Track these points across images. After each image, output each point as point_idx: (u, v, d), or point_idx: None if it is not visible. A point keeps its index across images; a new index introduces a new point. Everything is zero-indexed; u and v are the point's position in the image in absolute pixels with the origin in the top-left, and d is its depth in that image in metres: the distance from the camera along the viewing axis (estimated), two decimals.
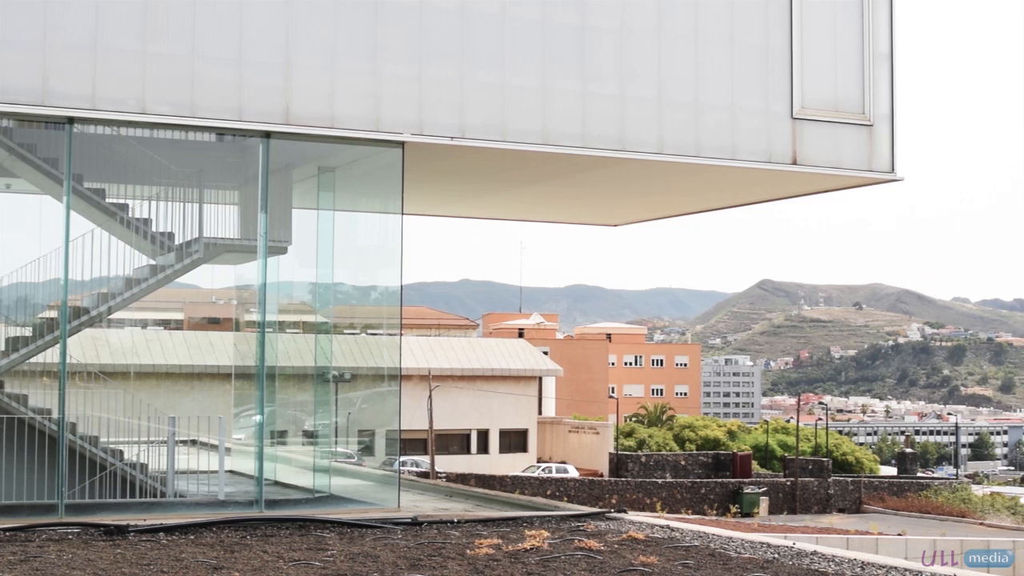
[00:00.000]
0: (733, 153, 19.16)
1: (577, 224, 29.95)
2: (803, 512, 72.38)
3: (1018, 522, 67.44)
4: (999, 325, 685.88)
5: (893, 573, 13.94)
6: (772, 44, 19.38)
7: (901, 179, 20.30)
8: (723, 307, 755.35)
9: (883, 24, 20.15)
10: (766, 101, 19.36)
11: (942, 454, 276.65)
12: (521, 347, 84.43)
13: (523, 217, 28.92)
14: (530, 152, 18.42)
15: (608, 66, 18.62)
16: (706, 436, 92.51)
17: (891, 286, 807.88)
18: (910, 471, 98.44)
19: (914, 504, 73.16)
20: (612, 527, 17.49)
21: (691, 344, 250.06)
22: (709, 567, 13.76)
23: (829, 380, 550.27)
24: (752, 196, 24.11)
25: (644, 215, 26.83)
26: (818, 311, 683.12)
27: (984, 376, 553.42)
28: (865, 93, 19.88)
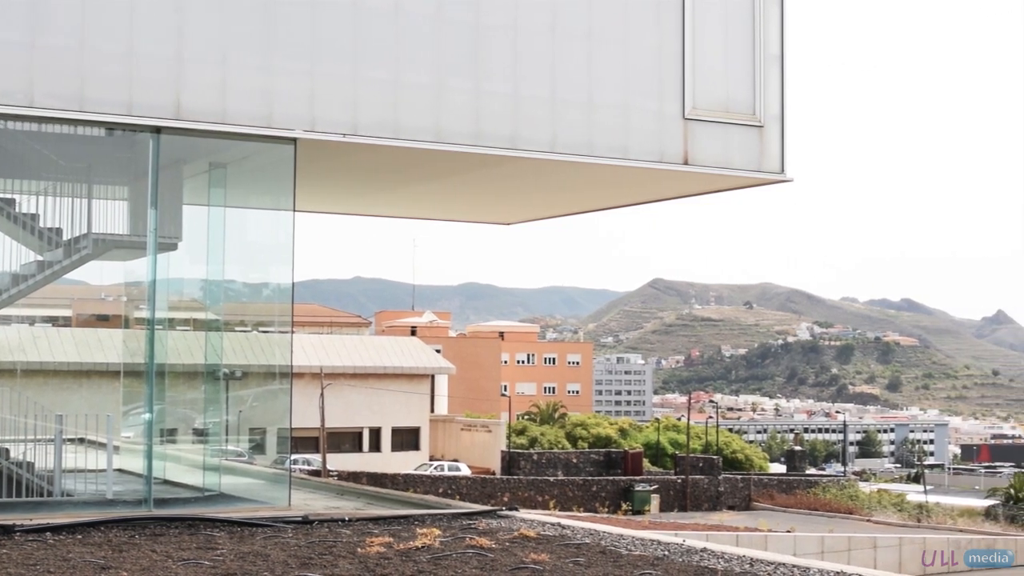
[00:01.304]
0: (625, 153, 19.25)
1: (470, 222, 29.93)
2: (694, 509, 72.95)
3: (904, 519, 68.41)
4: (886, 325, 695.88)
5: (781, 569, 14.07)
6: (665, 45, 19.49)
7: (791, 180, 20.50)
8: (615, 306, 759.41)
9: (774, 26, 20.34)
10: (658, 102, 19.47)
11: (830, 452, 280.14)
12: (413, 345, 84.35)
13: (416, 215, 28.87)
14: (423, 150, 18.38)
15: (502, 64, 18.63)
16: (598, 434, 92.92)
17: (781, 286, 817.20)
18: (799, 469, 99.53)
19: (803, 501, 74.01)
20: (504, 525, 17.51)
21: (583, 343, 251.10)
22: (600, 565, 13.82)
23: (720, 378, 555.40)
24: (644, 195, 24.24)
25: (537, 214, 26.89)
26: (709, 310, 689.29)
27: (872, 375, 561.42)
28: (756, 94, 20.05)
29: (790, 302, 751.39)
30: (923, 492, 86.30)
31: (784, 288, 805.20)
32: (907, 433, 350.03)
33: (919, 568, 46.86)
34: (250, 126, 17.45)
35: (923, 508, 72.98)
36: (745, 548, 16.57)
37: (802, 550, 40.38)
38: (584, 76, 19.07)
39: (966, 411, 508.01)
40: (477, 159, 19.09)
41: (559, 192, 23.80)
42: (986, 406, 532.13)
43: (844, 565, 15.22)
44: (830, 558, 39.83)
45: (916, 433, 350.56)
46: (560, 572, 13.20)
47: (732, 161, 20.02)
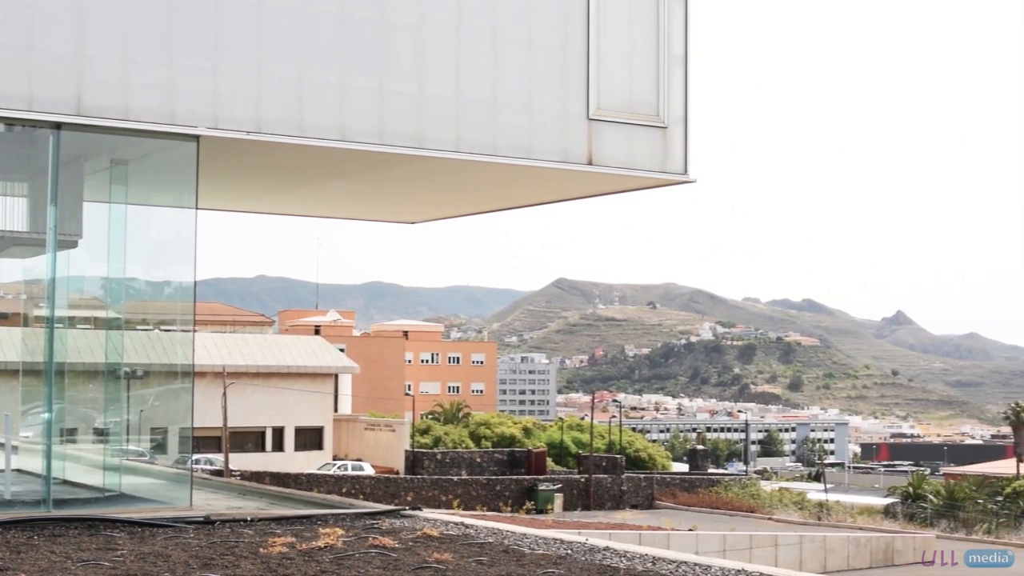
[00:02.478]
0: (530, 152, 19.28)
1: (375, 221, 29.83)
2: (597, 508, 73.25)
3: (805, 517, 69.14)
4: (788, 325, 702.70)
5: (683, 568, 14.17)
6: (569, 46, 19.54)
7: (694, 180, 20.63)
8: (519, 305, 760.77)
9: (678, 28, 20.45)
10: (563, 102, 19.52)
11: (732, 451, 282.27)
12: (317, 344, 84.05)
13: (321, 214, 28.76)
14: (327, 148, 18.31)
15: (406, 63, 18.60)
16: (502, 433, 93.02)
17: (684, 286, 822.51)
18: (701, 468, 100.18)
19: (705, 500, 74.55)
20: (407, 524, 17.49)
21: (488, 342, 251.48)
22: (503, 563, 13.84)
23: (623, 378, 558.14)
24: (549, 195, 24.30)
25: (442, 213, 26.88)
26: (613, 310, 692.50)
27: (773, 374, 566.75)
28: (660, 95, 20.16)
29: (693, 302, 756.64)
30: (823, 491, 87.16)
31: (687, 288, 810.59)
32: (808, 432, 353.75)
33: (820, 566, 47.33)
34: (152, 123, 17.29)
35: (823, 506, 73.76)
36: (648, 547, 16.66)
37: (704, 548, 40.70)
38: (489, 75, 19.09)
39: (866, 410, 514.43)
40: (381, 158, 19.04)
41: (464, 191, 23.81)
42: (885, 405, 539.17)
43: (745, 563, 15.34)
44: (732, 556, 40.12)
45: (817, 432, 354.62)
46: (463, 571, 13.21)
47: (636, 162, 20.11)
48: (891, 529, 62.49)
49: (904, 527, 66.16)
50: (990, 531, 67.76)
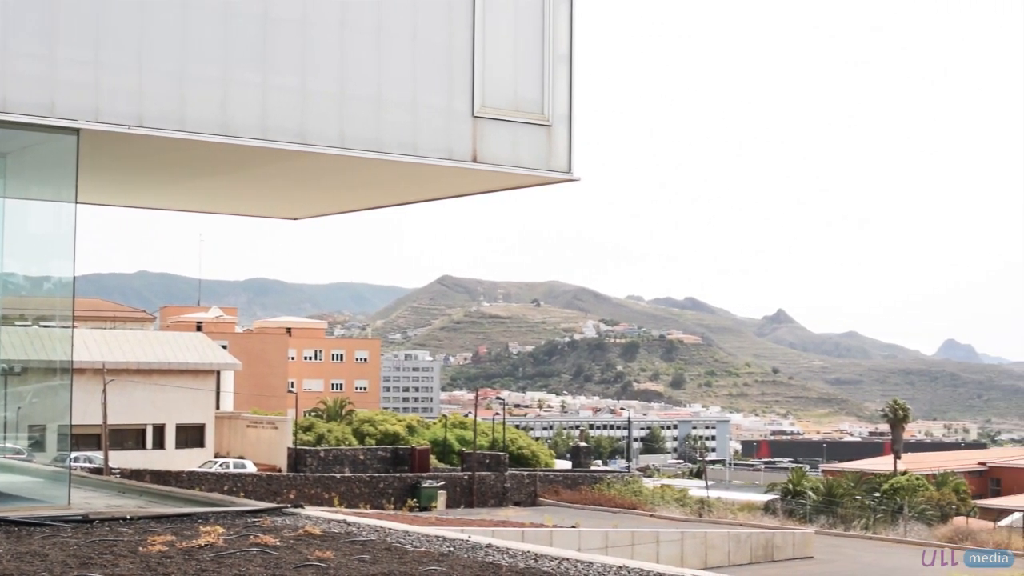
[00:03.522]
0: (414, 149, 19.24)
1: (258, 217, 29.62)
2: (480, 506, 73.33)
3: (686, 514, 69.73)
4: (671, 323, 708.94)
5: (565, 564, 14.23)
6: (454, 43, 19.53)
7: (578, 179, 20.70)
8: (403, 302, 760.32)
9: (563, 27, 20.50)
10: (448, 99, 19.50)
11: (615, 448, 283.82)
12: (199, 341, 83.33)
13: (203, 209, 28.48)
14: (209, 143, 18.14)
15: (290, 58, 18.48)
16: (385, 431, 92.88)
17: (568, 284, 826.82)
18: (584, 465, 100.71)
19: (588, 497, 74.89)
20: (289, 522, 17.40)
21: (371, 339, 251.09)
22: (385, 561, 13.82)
23: (507, 375, 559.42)
24: (433, 193, 24.27)
25: (326, 209, 26.75)
26: (497, 307, 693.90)
27: (656, 372, 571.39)
28: (544, 94, 20.20)
29: (577, 300, 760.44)
30: (705, 487, 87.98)
31: (571, 286, 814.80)
32: (690, 430, 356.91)
33: (701, 562, 47.76)
34: (31, 115, 17.02)
35: (705, 503, 74.47)
36: (530, 544, 16.70)
37: (587, 545, 40.89)
38: (373, 71, 19.02)
39: (747, 408, 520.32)
40: (265, 153, 18.91)
41: (348, 188, 23.71)
42: (766, 403, 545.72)
43: (627, 560, 15.44)
44: (614, 553, 40.37)
45: (699, 429, 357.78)
46: (345, 569, 13.16)
47: (520, 160, 20.14)
48: (771, 525, 63.26)
49: (784, 523, 66.98)
50: (868, 527, 68.83)
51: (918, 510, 76.13)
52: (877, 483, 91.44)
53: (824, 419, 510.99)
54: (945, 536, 64.06)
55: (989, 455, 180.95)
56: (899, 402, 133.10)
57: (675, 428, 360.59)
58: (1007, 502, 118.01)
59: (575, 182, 20.82)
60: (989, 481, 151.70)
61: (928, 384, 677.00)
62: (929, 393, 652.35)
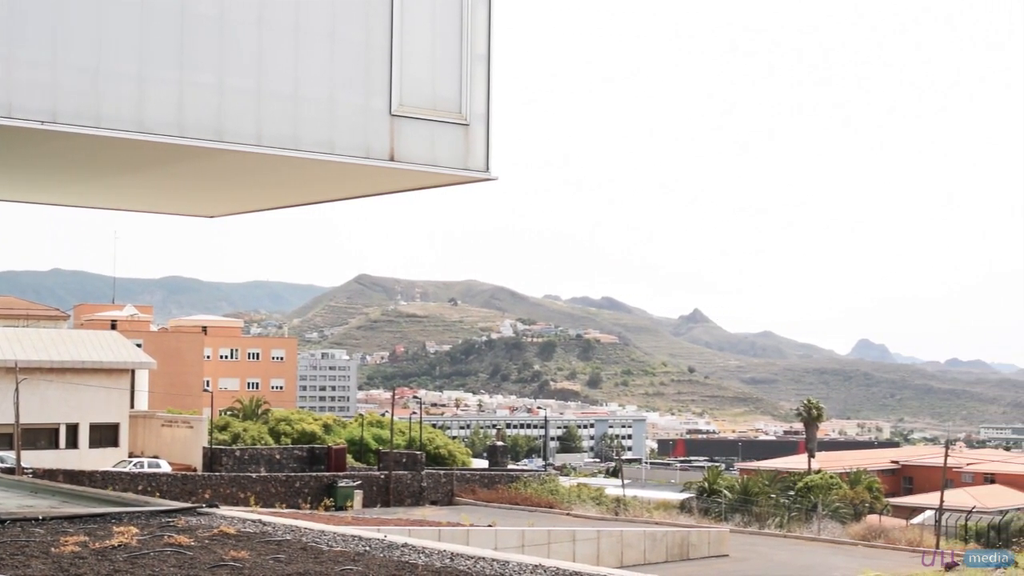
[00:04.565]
0: (332, 148, 19.19)
1: (174, 215, 29.41)
2: (397, 505, 73.17)
3: (603, 512, 69.95)
4: (588, 322, 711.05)
5: (481, 563, 14.25)
6: (372, 41, 19.49)
7: (495, 178, 20.73)
8: (320, 301, 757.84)
9: (481, 27, 20.52)
10: (365, 97, 19.46)
11: (532, 447, 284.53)
12: (113, 339, 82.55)
13: (118, 206, 28.25)
14: (125, 140, 17.98)
15: (207, 55, 18.36)
16: (302, 430, 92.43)
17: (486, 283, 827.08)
18: (501, 464, 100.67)
19: (504, 496, 74.92)
20: (203, 522, 17.30)
21: (288, 338, 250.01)
22: (300, 561, 13.78)
23: (424, 375, 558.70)
24: (351, 191, 24.20)
25: (243, 207, 26.62)
26: (414, 306, 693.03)
27: (573, 371, 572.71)
28: (462, 93, 20.21)
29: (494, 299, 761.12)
30: (621, 486, 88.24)
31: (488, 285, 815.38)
32: (606, 428, 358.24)
33: (617, 561, 47.92)
34: None
35: (621, 502, 74.70)
36: (447, 543, 16.72)
37: (503, 544, 40.92)
38: (291, 70, 18.95)
39: (663, 407, 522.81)
40: (181, 151, 18.78)
41: (265, 186, 23.60)
42: (682, 402, 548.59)
43: (543, 558, 15.48)
44: (530, 551, 40.45)
45: (615, 428, 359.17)
46: (260, 569, 13.11)
47: (438, 158, 20.13)
48: (687, 524, 63.54)
49: (699, 521, 67.32)
50: (782, 525, 69.35)
51: (832, 508, 76.80)
52: (791, 482, 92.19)
53: (739, 418, 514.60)
54: (858, 534, 64.67)
55: (902, 454, 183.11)
56: (813, 401, 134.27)
57: (592, 427, 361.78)
58: (919, 500, 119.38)
59: (493, 181, 20.84)
60: (902, 479, 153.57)
61: (842, 383, 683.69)
62: (843, 392, 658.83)
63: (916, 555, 55.99)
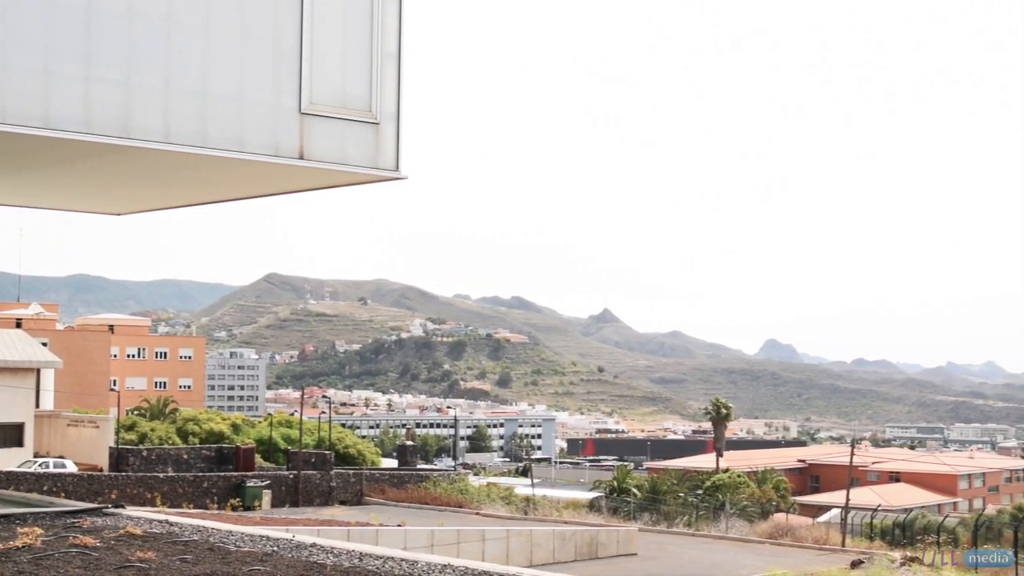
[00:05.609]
0: (241, 145, 19.07)
1: (81, 212, 29.11)
2: (306, 505, 72.90)
3: (512, 512, 70.05)
4: (498, 322, 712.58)
5: (390, 563, 14.22)
6: (282, 39, 19.40)
7: (405, 177, 20.70)
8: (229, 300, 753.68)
9: (391, 25, 20.49)
10: (275, 95, 19.36)
11: (442, 446, 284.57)
12: (18, 338, 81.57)
13: (24, 203, 27.90)
14: (30, 136, 17.77)
15: (114, 51, 18.18)
16: (210, 429, 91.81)
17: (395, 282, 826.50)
18: (410, 463, 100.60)
19: (414, 495, 74.83)
20: (109, 523, 17.14)
21: (196, 337, 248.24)
22: (207, 561, 13.68)
23: (333, 374, 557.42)
24: (260, 189, 24.06)
25: (151, 204, 26.38)
26: (324, 305, 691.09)
27: (483, 371, 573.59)
28: (372, 92, 20.17)
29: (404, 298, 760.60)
30: (531, 485, 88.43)
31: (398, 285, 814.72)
32: (516, 428, 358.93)
33: (526, 560, 47.99)
34: None
35: (530, 501, 74.83)
36: (356, 543, 16.68)
37: (413, 544, 40.86)
38: (200, 66, 18.81)
39: (573, 406, 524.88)
40: (87, 147, 18.59)
41: (173, 183, 23.41)
42: (591, 402, 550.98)
43: (452, 558, 15.48)
44: (440, 551, 40.43)
45: (525, 428, 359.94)
46: (166, 570, 13.00)
47: (348, 157, 20.07)
48: (595, 523, 63.80)
49: (608, 520, 67.60)
50: (690, 523, 69.80)
51: (739, 507, 77.39)
52: (700, 480, 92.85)
53: (648, 417, 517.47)
54: (765, 532, 65.21)
55: (808, 453, 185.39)
56: (721, 401, 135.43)
57: (501, 426, 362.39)
58: (825, 499, 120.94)
59: (403, 180, 20.82)
60: (808, 478, 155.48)
61: (750, 383, 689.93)
62: (751, 392, 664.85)
63: (823, 553, 56.66)
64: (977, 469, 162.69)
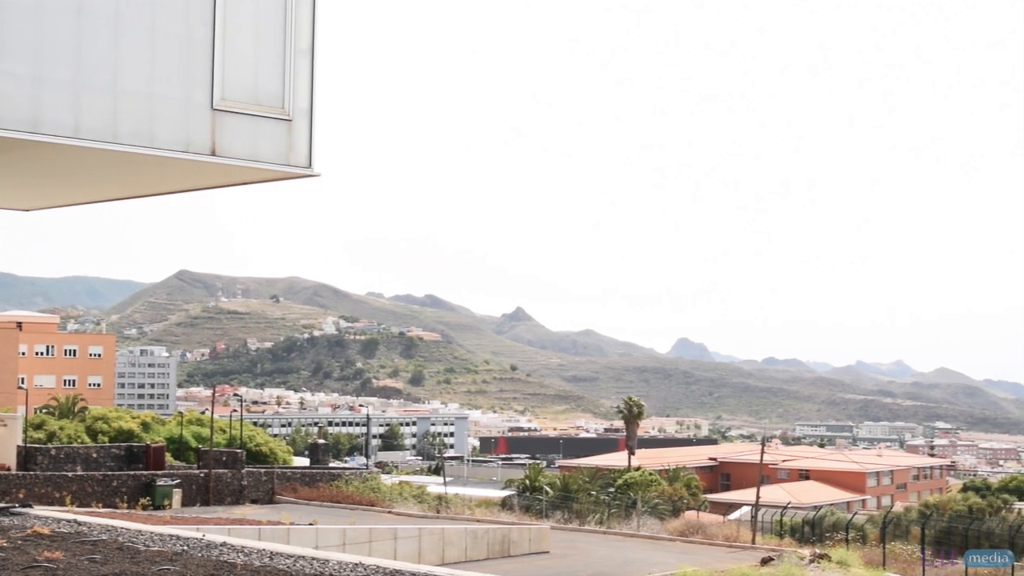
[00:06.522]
0: (152, 141, 18.91)
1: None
2: (217, 504, 72.41)
3: (424, 510, 69.96)
4: (411, 320, 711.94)
5: (301, 562, 14.16)
6: (194, 34, 19.25)
7: (318, 174, 20.62)
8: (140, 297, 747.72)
9: (305, 21, 20.40)
10: (187, 90, 19.21)
11: (354, 445, 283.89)
12: None
13: None
14: None
15: (23, 44, 17.97)
16: (120, 428, 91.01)
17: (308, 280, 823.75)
18: (322, 462, 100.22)
19: (326, 494, 74.53)
20: (17, 523, 16.95)
21: (106, 334, 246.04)
22: (116, 561, 13.55)
23: (245, 372, 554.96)
24: (172, 185, 23.88)
25: (60, 200, 26.10)
26: (236, 303, 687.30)
27: (395, 369, 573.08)
28: (285, 88, 20.07)
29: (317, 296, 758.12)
30: (443, 484, 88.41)
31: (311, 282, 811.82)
32: (429, 426, 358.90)
33: (438, 558, 47.95)
34: None
35: (443, 499, 74.77)
36: (267, 542, 16.61)
37: (324, 542, 40.71)
38: (110, 60, 18.63)
39: (485, 405, 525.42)
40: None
41: (84, 179, 23.17)
42: (504, 400, 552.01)
43: (364, 557, 15.45)
44: (352, 550, 40.34)
45: (437, 426, 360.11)
46: (75, 570, 12.86)
47: (260, 154, 19.96)
48: (507, 521, 63.88)
49: (520, 518, 67.70)
50: (602, 521, 70.06)
51: (651, 505, 77.79)
52: (612, 479, 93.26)
53: (561, 416, 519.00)
54: (676, 530, 65.56)
55: (719, 451, 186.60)
56: (634, 399, 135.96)
57: (414, 425, 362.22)
58: (736, 496, 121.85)
59: (316, 177, 20.74)
60: (719, 476, 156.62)
61: (662, 381, 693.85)
62: (663, 390, 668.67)
63: (733, 550, 57.06)
64: (885, 467, 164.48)
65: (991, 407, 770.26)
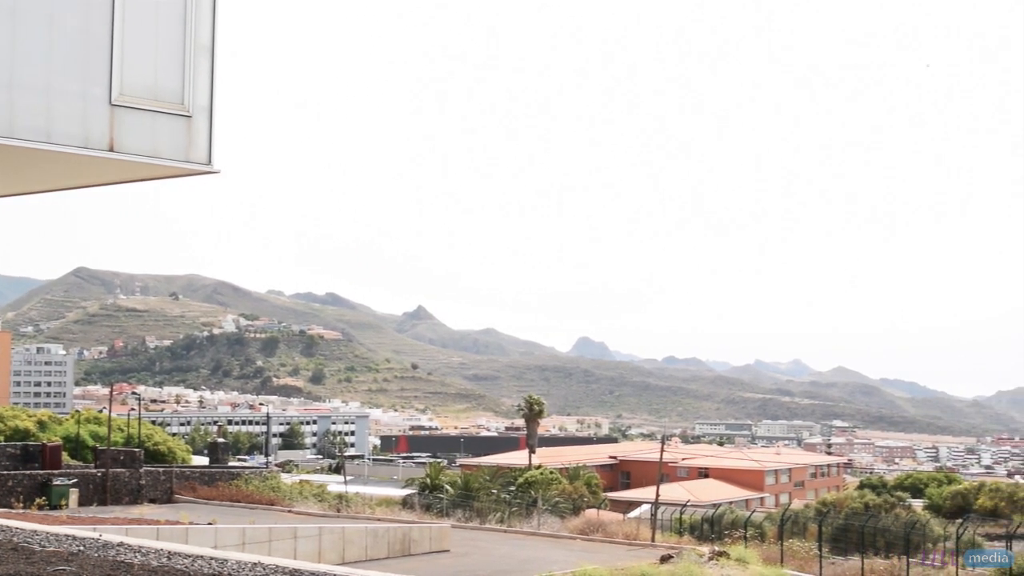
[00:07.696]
0: (48, 136, 18.68)
1: None
2: (115, 503, 71.72)
3: (325, 509, 69.72)
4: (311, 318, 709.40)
5: (200, 562, 14.05)
6: (92, 28, 19.05)
7: (218, 171, 20.48)
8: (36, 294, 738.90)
9: (206, 16, 20.26)
10: (84, 85, 19.00)
11: (254, 443, 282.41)
12: None
13: None
14: None
15: None
16: (15, 427, 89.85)
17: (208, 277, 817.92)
18: (222, 460, 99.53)
19: (225, 493, 74.05)
20: None
21: (1, 332, 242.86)
22: (11, 561, 13.37)
23: (144, 370, 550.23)
24: (69, 181, 23.61)
25: None
26: (134, 300, 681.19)
27: (296, 367, 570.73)
28: (185, 84, 19.90)
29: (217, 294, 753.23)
30: (344, 483, 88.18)
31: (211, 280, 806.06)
32: (329, 425, 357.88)
33: (339, 557, 47.82)
34: None
35: (343, 498, 74.55)
36: (165, 541, 16.48)
37: (223, 542, 40.45)
38: (7, 55, 18.40)
39: (386, 403, 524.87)
40: None
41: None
42: (405, 398, 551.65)
43: (263, 556, 15.38)
44: (251, 549, 40.13)
45: (338, 425, 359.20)
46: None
47: (159, 150, 19.79)
48: (408, 520, 63.81)
49: (421, 517, 67.66)
50: (503, 520, 70.16)
51: (551, 503, 78.02)
52: (512, 477, 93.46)
53: (462, 414, 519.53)
54: (577, 528, 65.78)
55: (620, 449, 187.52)
56: (534, 397, 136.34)
57: (315, 423, 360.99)
58: (636, 494, 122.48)
59: (215, 174, 20.60)
60: (620, 474, 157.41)
61: (563, 380, 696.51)
62: (564, 389, 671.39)
63: (633, 548, 57.37)
64: (783, 465, 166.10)
65: (887, 406, 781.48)
